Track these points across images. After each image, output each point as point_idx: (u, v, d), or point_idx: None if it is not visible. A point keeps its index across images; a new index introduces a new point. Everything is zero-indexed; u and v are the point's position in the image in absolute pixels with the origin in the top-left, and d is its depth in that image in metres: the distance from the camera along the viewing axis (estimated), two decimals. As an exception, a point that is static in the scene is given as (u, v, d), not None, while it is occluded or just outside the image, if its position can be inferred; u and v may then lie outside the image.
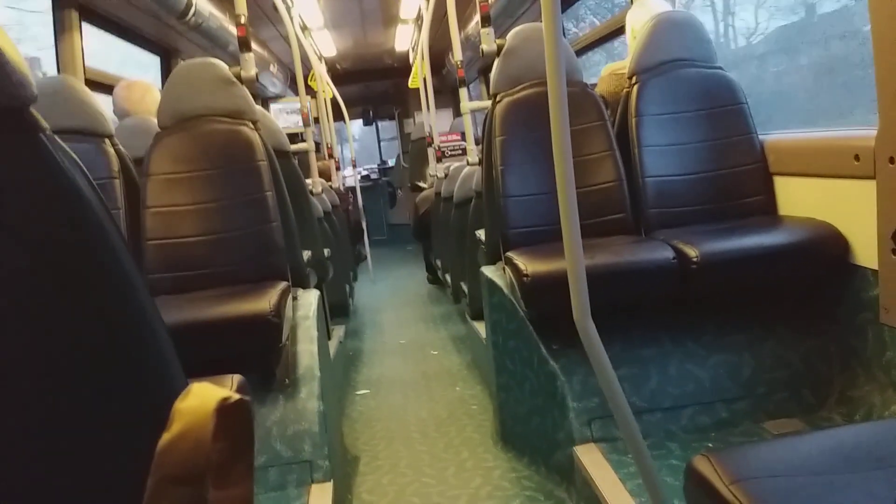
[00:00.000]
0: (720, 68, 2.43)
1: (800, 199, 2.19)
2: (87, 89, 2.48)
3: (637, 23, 2.65)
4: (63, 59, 3.08)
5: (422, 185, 6.64)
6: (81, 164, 0.72)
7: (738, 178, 2.31)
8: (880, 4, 1.58)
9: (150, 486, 0.54)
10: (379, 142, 11.34)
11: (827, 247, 1.95)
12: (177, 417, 0.56)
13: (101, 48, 3.61)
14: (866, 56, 1.70)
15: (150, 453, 0.56)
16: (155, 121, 2.43)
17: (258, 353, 1.91)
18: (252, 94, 2.51)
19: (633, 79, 2.41)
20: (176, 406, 0.57)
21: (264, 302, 1.82)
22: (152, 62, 4.36)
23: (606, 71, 3.00)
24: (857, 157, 1.81)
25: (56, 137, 0.69)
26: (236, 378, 1.30)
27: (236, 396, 0.58)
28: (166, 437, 0.55)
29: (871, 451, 0.90)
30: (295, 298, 2.26)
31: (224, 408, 0.57)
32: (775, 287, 2.10)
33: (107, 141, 2.39)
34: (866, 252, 1.84)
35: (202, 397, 0.57)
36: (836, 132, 2.02)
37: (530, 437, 2.26)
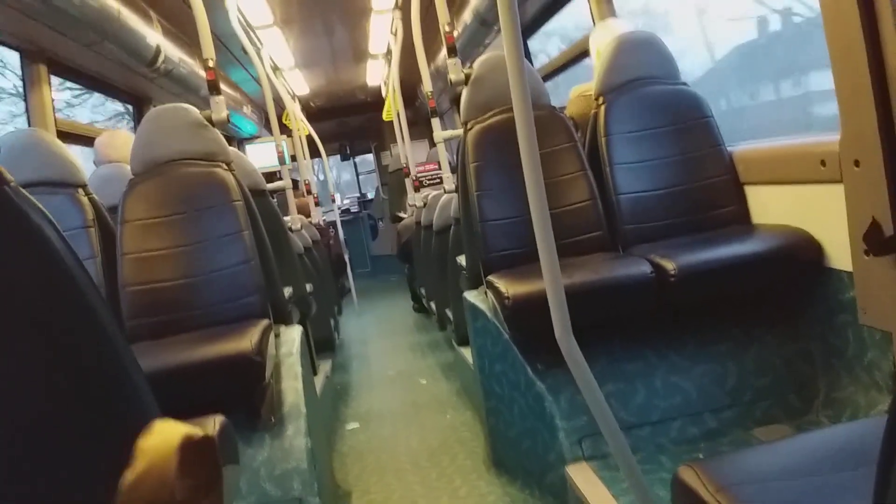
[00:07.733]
0: (684, 84, 2.48)
1: (771, 206, 2.22)
2: (57, 141, 2.48)
3: (601, 44, 2.70)
4: (33, 112, 3.09)
5: (402, 215, 6.66)
6: (49, 215, 0.73)
7: (710, 190, 2.34)
8: (834, 12, 1.62)
9: None
10: (357, 175, 11.40)
11: (801, 252, 1.97)
12: (140, 455, 0.56)
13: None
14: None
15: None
16: (128, 168, 2.43)
17: (242, 394, 1.89)
18: (226, 137, 2.52)
19: (600, 99, 2.45)
20: (139, 444, 0.57)
21: (246, 341, 1.81)
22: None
23: (575, 93, 3.05)
24: (823, 163, 1.84)
25: (21, 189, 0.70)
26: (219, 419, 1.29)
27: (200, 433, 0.58)
28: (129, 475, 0.55)
29: (854, 451, 0.90)
30: (277, 336, 2.25)
31: (188, 445, 0.57)
32: (754, 295, 2.11)
33: (80, 191, 2.39)
34: (840, 255, 1.87)
35: (165, 434, 0.57)
36: (802, 139, 2.05)
37: (522, 460, 2.25)
